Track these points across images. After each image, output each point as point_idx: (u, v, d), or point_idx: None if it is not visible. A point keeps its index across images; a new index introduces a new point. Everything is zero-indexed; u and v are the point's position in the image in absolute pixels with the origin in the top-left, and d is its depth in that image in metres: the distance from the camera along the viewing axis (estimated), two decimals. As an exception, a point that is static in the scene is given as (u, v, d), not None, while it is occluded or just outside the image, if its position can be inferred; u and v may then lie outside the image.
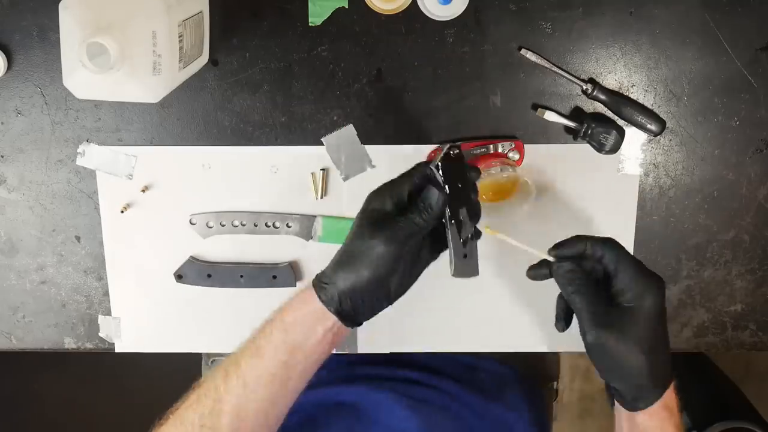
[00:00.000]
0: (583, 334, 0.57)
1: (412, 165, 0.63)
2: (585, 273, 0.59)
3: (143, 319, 0.81)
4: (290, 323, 0.61)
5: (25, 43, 0.73)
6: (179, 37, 0.60)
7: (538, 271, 0.63)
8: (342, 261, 0.60)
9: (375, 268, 0.58)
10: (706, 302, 0.82)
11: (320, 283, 0.61)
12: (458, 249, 0.60)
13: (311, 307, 0.60)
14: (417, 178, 0.61)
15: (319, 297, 0.60)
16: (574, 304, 0.58)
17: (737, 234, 0.79)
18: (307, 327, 0.60)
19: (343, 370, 0.83)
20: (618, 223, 0.79)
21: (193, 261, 0.79)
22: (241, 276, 0.79)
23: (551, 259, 0.60)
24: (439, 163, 0.60)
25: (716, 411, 1.37)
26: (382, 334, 0.81)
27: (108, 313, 0.82)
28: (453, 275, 0.61)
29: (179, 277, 0.79)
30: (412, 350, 0.82)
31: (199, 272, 0.79)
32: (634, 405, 0.59)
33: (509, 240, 0.61)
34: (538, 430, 0.86)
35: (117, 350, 0.83)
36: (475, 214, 0.61)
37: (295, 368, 0.61)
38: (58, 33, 0.56)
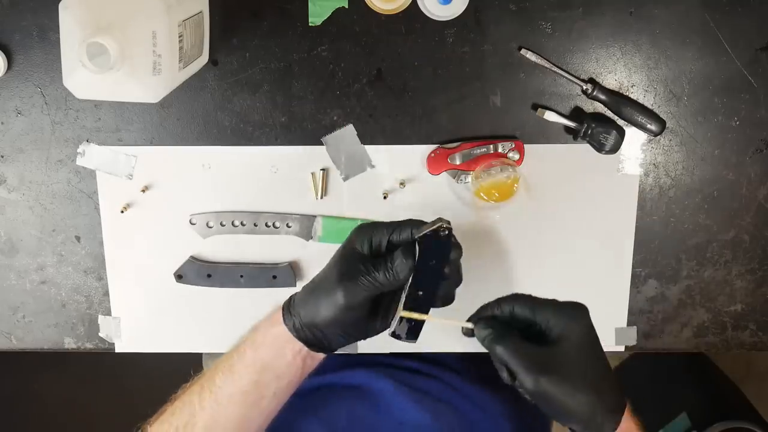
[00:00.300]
0: (522, 386, 0.55)
1: (408, 218, 0.62)
2: (505, 328, 0.58)
3: (143, 319, 0.81)
4: (260, 343, 0.61)
5: (25, 43, 0.73)
6: (179, 37, 0.60)
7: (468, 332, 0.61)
8: (308, 294, 0.60)
9: (334, 313, 0.58)
10: (706, 302, 0.82)
11: (288, 309, 0.61)
12: (403, 320, 0.59)
13: (280, 328, 0.60)
14: (400, 234, 0.60)
15: (285, 321, 0.60)
16: (505, 358, 0.56)
17: (737, 234, 0.79)
18: (277, 348, 0.60)
19: (343, 356, 0.83)
20: (618, 223, 0.79)
21: (193, 261, 0.79)
22: (241, 276, 0.79)
23: (470, 326, 0.59)
24: (422, 236, 0.58)
25: (716, 411, 1.37)
26: (382, 335, 0.81)
27: (108, 313, 0.82)
28: (389, 334, 0.60)
29: (179, 277, 0.79)
30: (413, 350, 0.82)
31: (198, 272, 0.79)
32: None
33: (434, 320, 0.60)
34: (542, 421, 0.86)
35: (117, 350, 0.83)
36: (431, 298, 0.59)
37: (267, 388, 0.60)
38: (58, 33, 0.56)
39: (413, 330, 0.59)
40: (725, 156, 0.77)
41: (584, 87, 0.73)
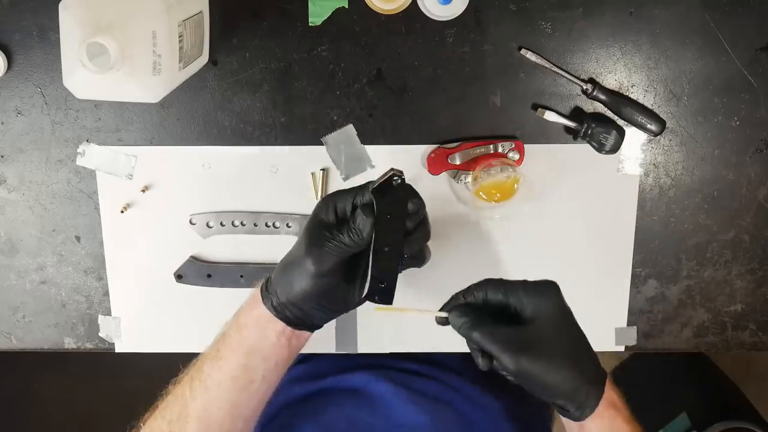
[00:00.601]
0: (504, 368, 0.55)
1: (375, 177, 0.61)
2: (479, 314, 0.58)
3: (143, 319, 0.81)
4: (243, 325, 0.61)
5: (25, 43, 0.73)
6: (179, 37, 0.60)
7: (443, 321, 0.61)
8: (281, 271, 0.60)
9: (307, 283, 0.58)
10: (706, 302, 0.82)
11: (265, 288, 0.61)
12: (375, 281, 0.60)
13: (261, 309, 0.60)
14: (363, 197, 0.59)
15: (263, 302, 0.60)
16: (483, 343, 0.56)
17: (737, 234, 0.79)
18: (260, 329, 0.60)
19: (342, 359, 0.83)
20: (618, 223, 0.79)
21: (193, 261, 0.79)
22: (241, 276, 0.79)
23: (444, 315, 0.59)
24: (375, 188, 0.58)
25: (716, 411, 1.37)
26: (382, 334, 0.81)
27: (108, 313, 0.82)
28: (363, 297, 0.61)
29: (179, 277, 0.79)
30: (413, 350, 0.82)
31: (199, 272, 0.79)
32: (581, 414, 0.57)
33: (406, 312, 0.60)
34: (542, 420, 0.86)
35: (117, 350, 0.83)
36: (398, 254, 0.59)
37: (255, 371, 0.60)
38: (58, 33, 0.56)
39: (386, 291, 0.59)
40: (725, 156, 0.77)
41: (584, 87, 0.73)
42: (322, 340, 0.82)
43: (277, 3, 0.72)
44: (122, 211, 0.77)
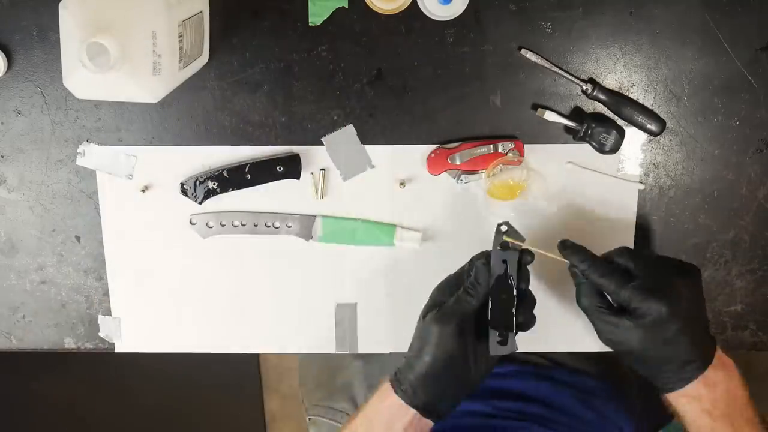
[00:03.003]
0: (635, 309, 0.57)
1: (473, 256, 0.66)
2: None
3: (143, 319, 0.82)
4: (370, 419, 0.62)
5: (25, 43, 0.73)
6: (179, 37, 0.60)
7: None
8: (409, 354, 0.62)
9: (434, 350, 0.59)
10: (707, 302, 0.81)
11: (396, 377, 0.62)
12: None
13: (389, 401, 0.61)
14: (473, 264, 0.63)
15: (395, 391, 0.61)
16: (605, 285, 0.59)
17: (737, 234, 0.79)
18: (386, 422, 0.61)
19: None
20: (618, 223, 0.79)
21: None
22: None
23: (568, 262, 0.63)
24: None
25: (716, 411, 1.37)
26: (382, 335, 0.81)
27: (108, 313, 0.82)
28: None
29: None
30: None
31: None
32: (660, 390, 0.61)
33: (541, 252, 0.64)
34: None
35: (117, 350, 0.83)
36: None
37: None
38: (58, 33, 0.56)
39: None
40: (725, 156, 0.77)
41: (584, 87, 0.73)
42: (323, 341, 0.82)
43: (277, 3, 0.72)
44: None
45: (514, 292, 0.62)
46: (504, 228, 0.63)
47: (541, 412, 0.80)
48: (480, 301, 0.61)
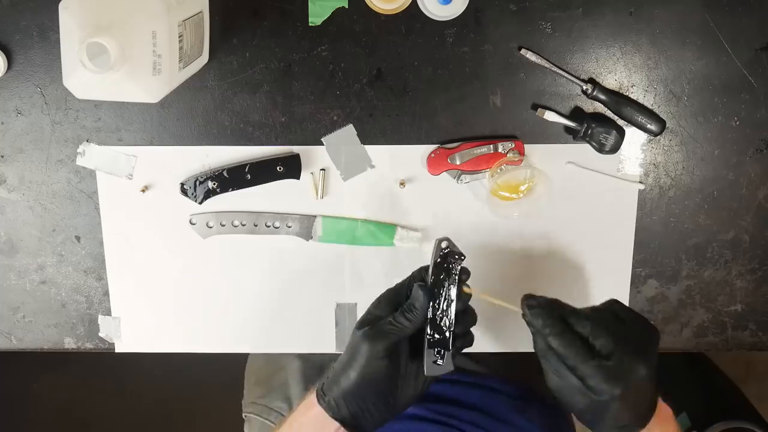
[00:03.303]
0: (597, 389, 0.55)
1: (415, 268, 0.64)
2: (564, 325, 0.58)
3: (143, 319, 0.82)
4: (295, 429, 0.61)
5: (25, 43, 0.73)
6: (179, 37, 0.60)
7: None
8: (336, 366, 0.60)
9: (362, 369, 0.58)
10: (706, 302, 0.82)
11: (321, 388, 0.61)
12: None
13: (313, 412, 0.60)
14: (413, 281, 0.61)
15: (319, 402, 0.60)
16: (563, 354, 0.57)
17: (737, 234, 0.79)
18: (314, 430, 0.60)
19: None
20: (618, 224, 0.79)
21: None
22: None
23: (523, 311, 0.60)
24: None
25: (716, 411, 1.37)
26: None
27: (108, 313, 0.82)
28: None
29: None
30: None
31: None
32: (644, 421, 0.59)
33: (494, 301, 0.61)
34: None
35: (117, 350, 0.83)
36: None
37: None
38: (58, 33, 0.56)
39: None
40: (725, 156, 0.77)
41: (584, 87, 0.73)
42: (323, 341, 0.82)
43: (277, 3, 0.72)
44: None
45: (452, 315, 0.60)
46: (444, 244, 0.60)
47: (474, 418, 0.80)
48: (417, 325, 0.59)
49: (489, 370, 0.89)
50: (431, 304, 0.59)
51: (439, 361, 0.60)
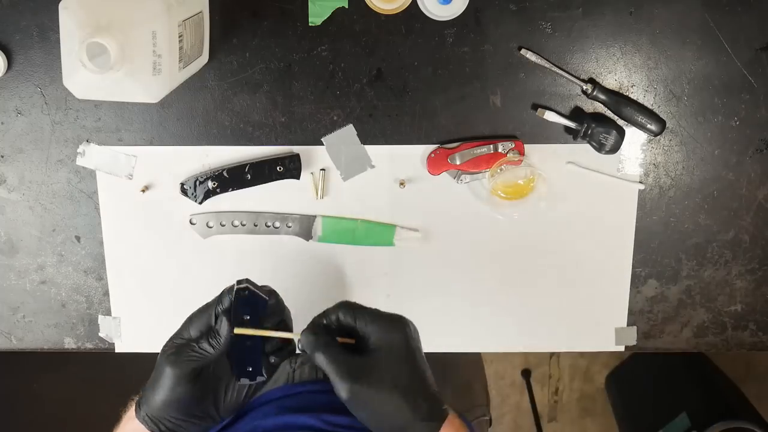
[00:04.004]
0: (338, 393, 0.55)
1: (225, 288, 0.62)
2: (328, 337, 0.57)
3: (143, 319, 0.81)
4: None
5: (25, 43, 0.73)
6: (179, 37, 0.60)
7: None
8: (148, 383, 0.60)
9: (167, 392, 0.58)
10: (706, 302, 0.82)
11: (138, 403, 0.60)
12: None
13: (133, 425, 0.60)
14: (220, 305, 0.60)
15: (137, 415, 0.60)
16: (323, 364, 0.55)
17: (737, 234, 0.79)
18: None
19: None
20: (618, 224, 0.79)
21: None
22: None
23: (298, 337, 0.58)
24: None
25: (716, 411, 1.37)
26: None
27: (108, 313, 0.82)
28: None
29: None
30: None
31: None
32: None
33: (268, 333, 0.60)
34: None
35: (117, 350, 0.83)
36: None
37: None
38: (58, 33, 0.56)
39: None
40: (725, 156, 0.77)
41: (584, 87, 0.73)
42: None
43: (277, 3, 0.72)
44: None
45: (258, 341, 0.59)
46: (245, 293, 0.59)
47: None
48: (221, 350, 0.58)
49: None
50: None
51: (252, 375, 0.60)
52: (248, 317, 0.59)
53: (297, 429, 0.70)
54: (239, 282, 0.59)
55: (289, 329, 0.63)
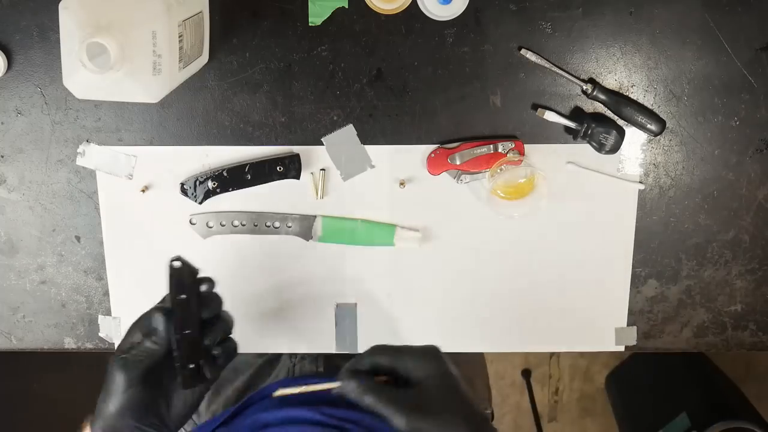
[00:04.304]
0: (397, 428, 0.54)
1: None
2: (369, 379, 0.57)
3: (143, 319, 0.81)
4: None
5: (25, 43, 0.73)
6: (179, 37, 0.60)
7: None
8: (99, 398, 0.60)
9: (119, 400, 0.58)
10: (706, 302, 0.82)
11: (91, 421, 0.61)
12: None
13: None
14: (160, 303, 0.61)
15: (92, 428, 0.60)
16: (375, 405, 0.55)
17: (737, 234, 0.79)
18: None
19: None
20: (618, 224, 0.79)
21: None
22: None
23: (337, 384, 0.58)
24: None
25: (716, 411, 1.37)
26: (382, 335, 0.81)
27: (108, 313, 0.82)
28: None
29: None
30: None
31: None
32: None
33: (308, 389, 0.59)
34: None
35: (117, 350, 0.83)
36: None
37: None
38: (58, 33, 0.56)
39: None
40: (725, 156, 0.77)
41: (584, 87, 0.73)
42: (323, 341, 0.82)
43: (277, 3, 0.72)
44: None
45: (197, 330, 0.59)
46: (177, 264, 0.59)
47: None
48: (164, 347, 0.59)
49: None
50: (178, 321, 0.59)
51: (196, 375, 0.60)
52: (184, 296, 0.59)
53: (297, 422, 0.70)
54: (172, 259, 0.59)
55: (228, 322, 0.63)
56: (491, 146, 0.74)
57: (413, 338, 0.82)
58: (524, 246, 0.79)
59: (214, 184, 0.75)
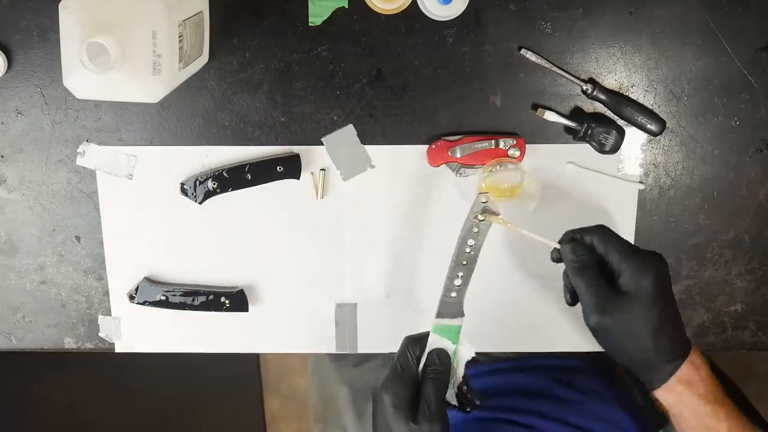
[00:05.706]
0: (586, 319, 0.59)
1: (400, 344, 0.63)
2: (588, 259, 0.61)
3: (143, 319, 0.81)
4: None
5: (25, 43, 0.73)
6: (179, 37, 0.61)
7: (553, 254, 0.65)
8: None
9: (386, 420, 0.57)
10: (706, 302, 0.82)
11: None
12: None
13: None
14: (410, 351, 0.61)
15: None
16: (578, 288, 0.60)
17: (737, 234, 0.79)
18: None
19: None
20: (618, 223, 0.78)
21: (147, 281, 0.79)
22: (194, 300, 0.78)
23: (558, 246, 0.63)
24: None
25: (716, 411, 1.37)
26: (382, 335, 0.81)
27: (108, 313, 0.82)
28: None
29: (131, 297, 0.79)
30: None
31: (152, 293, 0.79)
32: (650, 384, 0.61)
33: (523, 231, 0.63)
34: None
35: (117, 350, 0.83)
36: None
37: None
38: (58, 33, 0.56)
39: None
40: (725, 156, 0.77)
41: (584, 87, 0.73)
42: (323, 341, 0.82)
43: (277, 3, 0.72)
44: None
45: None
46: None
47: (513, 403, 0.80)
48: (416, 365, 0.59)
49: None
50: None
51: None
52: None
53: (470, 421, 0.72)
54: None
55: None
56: (492, 141, 0.74)
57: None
58: (524, 246, 0.79)
59: (214, 184, 0.75)
